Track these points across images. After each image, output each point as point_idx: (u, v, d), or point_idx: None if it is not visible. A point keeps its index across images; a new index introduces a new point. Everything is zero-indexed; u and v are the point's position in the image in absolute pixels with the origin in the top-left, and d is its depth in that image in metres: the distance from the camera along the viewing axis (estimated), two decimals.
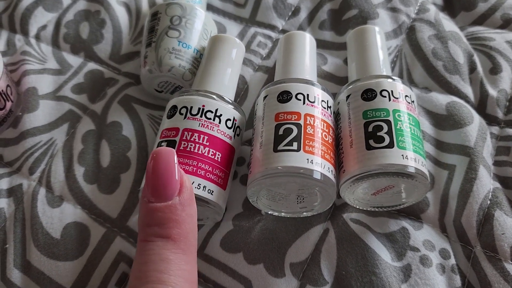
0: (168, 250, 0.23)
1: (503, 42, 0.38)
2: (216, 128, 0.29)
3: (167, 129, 0.29)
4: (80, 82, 0.39)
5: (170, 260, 0.22)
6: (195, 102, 0.29)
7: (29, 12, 0.43)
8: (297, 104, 0.28)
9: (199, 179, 0.27)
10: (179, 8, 0.36)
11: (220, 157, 0.29)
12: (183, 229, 0.24)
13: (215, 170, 0.28)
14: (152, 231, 0.23)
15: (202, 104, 0.29)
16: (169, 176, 0.24)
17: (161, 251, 0.23)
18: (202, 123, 0.29)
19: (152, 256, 0.22)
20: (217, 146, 0.29)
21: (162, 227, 0.23)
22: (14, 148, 0.35)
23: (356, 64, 0.34)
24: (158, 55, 0.34)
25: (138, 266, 0.23)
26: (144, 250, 0.23)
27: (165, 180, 0.24)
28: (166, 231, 0.23)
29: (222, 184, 0.29)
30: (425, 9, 0.41)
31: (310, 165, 0.26)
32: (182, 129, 0.28)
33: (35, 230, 0.31)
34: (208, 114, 0.29)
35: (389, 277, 0.28)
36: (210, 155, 0.28)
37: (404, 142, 0.27)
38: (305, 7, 0.43)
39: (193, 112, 0.29)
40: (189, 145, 0.28)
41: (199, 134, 0.28)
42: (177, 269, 0.22)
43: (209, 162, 0.28)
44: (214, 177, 0.28)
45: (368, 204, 0.30)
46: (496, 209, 0.30)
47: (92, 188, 0.33)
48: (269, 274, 0.29)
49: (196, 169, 0.27)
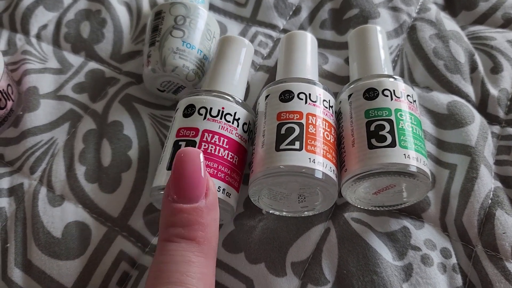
0: (191, 252, 0.23)
1: (504, 41, 0.38)
2: (235, 131, 0.29)
3: (185, 128, 0.29)
4: (81, 81, 0.39)
5: (193, 263, 0.22)
6: (214, 103, 0.29)
7: (29, 12, 0.43)
8: (299, 103, 0.28)
9: (219, 181, 0.27)
10: (183, 8, 0.36)
11: (237, 161, 0.29)
12: (208, 232, 0.23)
13: (233, 173, 0.28)
14: (177, 231, 0.23)
15: (222, 106, 0.29)
16: (196, 177, 0.24)
17: (184, 252, 0.22)
18: (222, 125, 0.28)
19: (175, 257, 0.22)
20: (235, 149, 0.29)
21: (187, 229, 0.23)
22: (15, 148, 0.35)
23: (357, 64, 0.34)
24: (162, 55, 0.34)
25: (159, 266, 0.22)
26: (167, 250, 0.23)
27: (193, 182, 0.23)
28: (192, 233, 0.23)
29: (237, 186, 0.29)
30: (426, 9, 0.41)
31: (312, 164, 0.26)
32: (202, 130, 0.28)
33: (36, 229, 0.31)
34: (227, 117, 0.29)
35: (390, 276, 0.28)
36: (229, 158, 0.28)
37: (406, 141, 0.27)
38: (306, 6, 0.43)
39: (213, 113, 0.29)
40: (209, 146, 0.28)
41: (219, 137, 0.28)
42: (199, 272, 0.22)
43: (228, 165, 0.28)
44: (232, 180, 0.28)
45: (370, 203, 0.30)
46: (497, 208, 0.30)
47: (93, 187, 0.33)
48: (270, 273, 0.29)
49: (216, 172, 0.27)
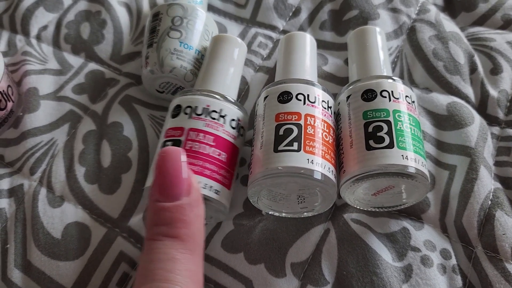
0: (175, 249, 0.22)
1: (504, 42, 0.38)
2: (221, 128, 0.29)
3: (172, 128, 0.29)
4: (81, 82, 0.39)
5: (178, 260, 0.22)
6: (199, 102, 0.29)
7: (30, 13, 0.43)
8: (297, 104, 0.28)
9: (205, 179, 0.27)
10: (180, 9, 0.36)
11: (225, 157, 0.29)
12: (191, 229, 0.23)
13: (220, 170, 0.28)
14: (160, 230, 0.23)
15: (207, 104, 0.29)
16: (177, 175, 0.24)
17: (169, 250, 0.22)
18: (207, 123, 0.29)
19: (160, 255, 0.22)
20: (222, 146, 0.29)
21: (170, 226, 0.23)
22: (15, 149, 0.35)
23: (356, 65, 0.34)
24: (159, 56, 0.34)
25: (145, 264, 0.22)
26: (151, 248, 0.23)
27: (173, 179, 0.24)
28: (175, 231, 0.23)
29: (227, 184, 0.29)
30: (426, 10, 0.41)
31: (310, 165, 0.26)
32: (187, 129, 0.29)
33: (35, 230, 0.31)
34: (213, 114, 0.29)
35: (390, 277, 0.28)
36: (216, 155, 0.28)
37: (404, 142, 0.27)
38: (305, 7, 0.43)
39: (198, 112, 0.29)
40: (194, 145, 0.28)
41: (205, 134, 0.28)
42: (184, 269, 0.22)
43: (214, 162, 0.28)
44: (219, 177, 0.28)
45: (369, 205, 0.30)
46: (497, 210, 0.30)
47: (93, 188, 0.33)
48: (270, 274, 0.29)
49: (202, 169, 0.27)
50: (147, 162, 0.34)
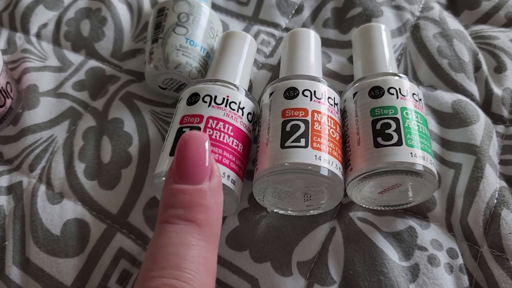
0: (191, 235, 0.21)
1: (508, 40, 0.38)
2: (240, 120, 0.29)
3: (189, 115, 0.28)
4: (81, 79, 0.38)
5: (192, 246, 0.21)
6: (219, 91, 0.29)
7: (29, 11, 0.42)
8: (304, 100, 0.28)
9: (223, 167, 0.27)
10: (186, 5, 0.35)
11: (242, 149, 0.28)
12: (210, 216, 0.22)
13: (237, 160, 0.28)
14: (176, 213, 0.22)
15: (227, 95, 0.29)
16: (200, 159, 0.22)
17: (184, 235, 0.21)
18: (227, 113, 0.28)
19: (173, 239, 0.21)
20: (240, 137, 0.28)
21: (188, 210, 0.22)
22: (14, 145, 0.35)
23: (362, 62, 0.33)
24: (165, 52, 0.33)
25: (156, 249, 0.21)
26: (165, 232, 0.21)
27: (197, 163, 0.22)
28: (192, 214, 0.22)
29: (241, 175, 0.28)
30: (429, 7, 0.41)
31: (318, 161, 0.26)
32: (206, 117, 0.28)
33: (34, 227, 0.31)
34: (232, 105, 0.29)
35: (397, 276, 0.28)
36: (234, 146, 0.28)
37: (412, 140, 0.27)
38: (308, 5, 0.42)
39: (218, 101, 0.29)
40: (214, 132, 0.27)
41: (224, 123, 0.28)
42: (198, 255, 0.21)
43: (233, 152, 0.28)
44: (236, 167, 0.28)
45: (375, 203, 0.30)
46: (503, 208, 0.30)
47: (93, 184, 0.33)
48: (276, 272, 0.29)
49: (221, 157, 0.27)
50: (148, 157, 0.34)
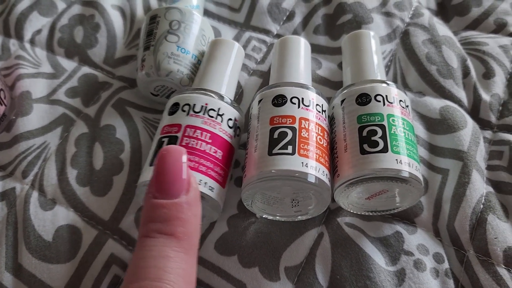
0: (169, 247, 0.22)
1: (496, 46, 0.39)
2: (218, 126, 0.29)
3: (169, 125, 0.29)
4: (74, 86, 0.39)
5: (171, 258, 0.21)
6: (198, 100, 0.30)
7: (24, 17, 0.43)
8: (291, 107, 0.28)
9: (200, 175, 0.27)
10: (178, 13, 0.36)
11: (221, 155, 0.29)
12: (188, 228, 0.23)
13: (216, 167, 0.28)
14: (155, 227, 0.22)
15: (205, 103, 0.29)
16: (177, 173, 0.23)
17: (163, 248, 0.22)
18: (205, 120, 0.29)
19: (152, 252, 0.22)
20: (219, 144, 0.29)
21: (166, 224, 0.22)
22: (8, 152, 0.35)
23: (351, 69, 0.34)
24: (156, 59, 0.34)
25: (136, 261, 0.22)
26: (144, 245, 0.22)
27: (173, 177, 0.23)
28: (170, 228, 0.22)
29: (222, 182, 0.29)
30: (419, 14, 0.41)
31: (305, 168, 0.26)
32: (184, 126, 0.28)
33: (27, 233, 0.31)
34: (211, 113, 0.29)
35: (383, 281, 0.28)
36: (212, 152, 0.28)
37: (398, 146, 0.27)
38: (299, 11, 0.43)
39: (196, 109, 0.29)
40: (191, 141, 0.28)
41: (202, 131, 0.28)
42: (177, 267, 0.21)
43: (210, 159, 0.28)
44: (215, 174, 0.28)
45: (362, 209, 0.30)
46: (489, 213, 0.30)
47: (85, 191, 0.33)
48: (264, 277, 0.29)
49: (198, 165, 0.27)
50: (140, 164, 0.34)
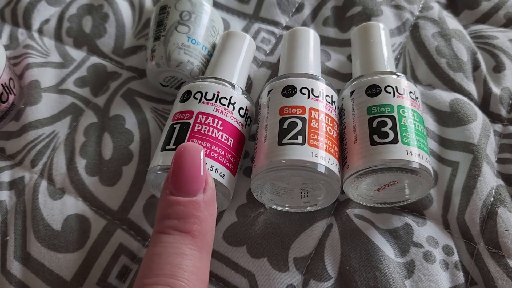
0: (185, 245, 0.22)
1: (506, 40, 0.38)
2: (230, 114, 0.29)
3: (180, 112, 0.29)
4: (83, 75, 0.39)
5: (186, 256, 0.22)
6: (210, 88, 0.30)
7: (32, 6, 0.43)
8: (301, 98, 0.28)
9: (211, 161, 0.27)
10: (188, 4, 0.36)
11: (232, 143, 0.29)
12: (203, 227, 0.23)
13: (227, 154, 0.28)
14: (171, 224, 0.23)
15: (217, 91, 0.30)
16: (195, 171, 0.24)
17: (178, 245, 0.22)
18: (217, 108, 0.29)
19: (168, 249, 0.22)
20: (230, 131, 0.29)
21: (183, 221, 0.23)
22: (16, 141, 0.35)
23: (360, 61, 0.34)
24: (167, 50, 0.34)
25: (151, 257, 0.22)
26: (160, 241, 0.22)
27: (191, 175, 0.23)
28: (187, 226, 0.23)
29: (233, 170, 0.29)
30: (429, 7, 0.41)
31: (314, 158, 0.26)
32: (196, 112, 0.29)
33: (35, 222, 0.31)
34: (222, 101, 0.29)
35: (393, 272, 0.28)
36: (223, 140, 0.28)
37: (408, 138, 0.27)
38: (308, 3, 0.43)
39: (208, 97, 0.29)
40: (203, 127, 0.28)
41: (213, 118, 0.28)
42: (192, 265, 0.22)
43: (222, 146, 0.28)
44: (226, 161, 0.28)
45: (372, 200, 0.30)
46: (500, 206, 0.30)
47: (94, 180, 0.33)
48: (273, 268, 0.29)
49: (209, 151, 0.27)
50: (149, 154, 0.34)
